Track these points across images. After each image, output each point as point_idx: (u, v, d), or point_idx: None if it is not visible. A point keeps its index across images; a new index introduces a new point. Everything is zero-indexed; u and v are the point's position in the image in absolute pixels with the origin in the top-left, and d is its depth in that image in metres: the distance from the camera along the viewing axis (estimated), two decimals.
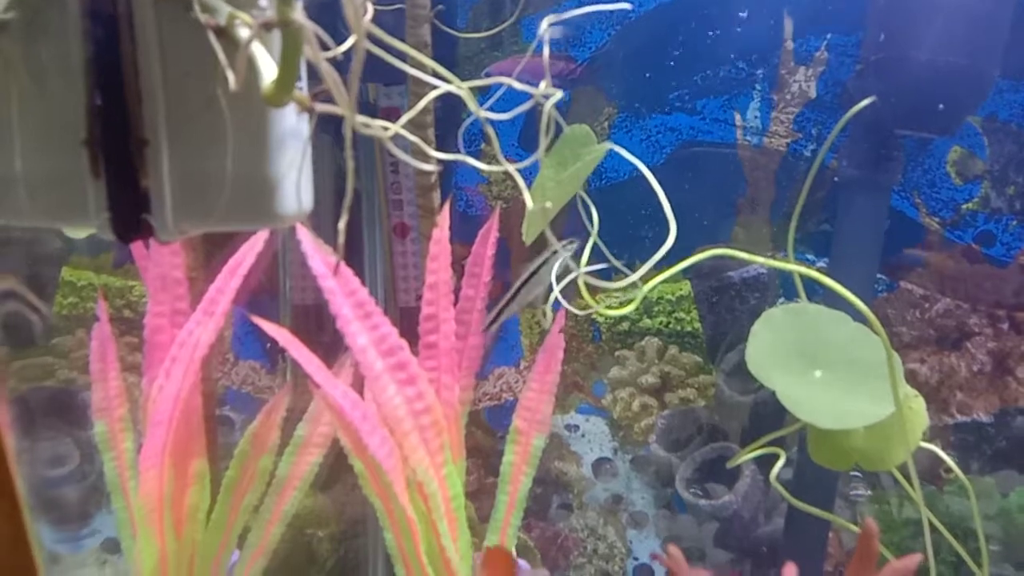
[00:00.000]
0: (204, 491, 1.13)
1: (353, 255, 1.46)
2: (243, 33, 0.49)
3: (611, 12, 1.46)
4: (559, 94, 0.56)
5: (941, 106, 1.14)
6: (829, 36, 1.43)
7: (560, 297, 0.94)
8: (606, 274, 0.93)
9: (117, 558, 1.61)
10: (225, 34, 0.50)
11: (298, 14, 0.45)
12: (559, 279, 0.96)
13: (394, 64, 0.57)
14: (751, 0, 1.44)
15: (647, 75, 1.49)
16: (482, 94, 0.63)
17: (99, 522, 1.63)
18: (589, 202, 1.03)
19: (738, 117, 1.49)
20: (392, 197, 1.44)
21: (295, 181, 0.56)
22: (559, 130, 0.88)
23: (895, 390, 1.00)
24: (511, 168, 0.58)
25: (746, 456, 1.25)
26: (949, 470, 1.46)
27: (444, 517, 1.07)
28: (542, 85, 0.55)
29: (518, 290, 1.06)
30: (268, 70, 0.49)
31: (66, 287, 1.59)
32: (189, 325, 1.08)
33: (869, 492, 1.55)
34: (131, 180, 0.53)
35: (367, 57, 0.49)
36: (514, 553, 1.25)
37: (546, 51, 0.56)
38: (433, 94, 0.60)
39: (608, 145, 0.88)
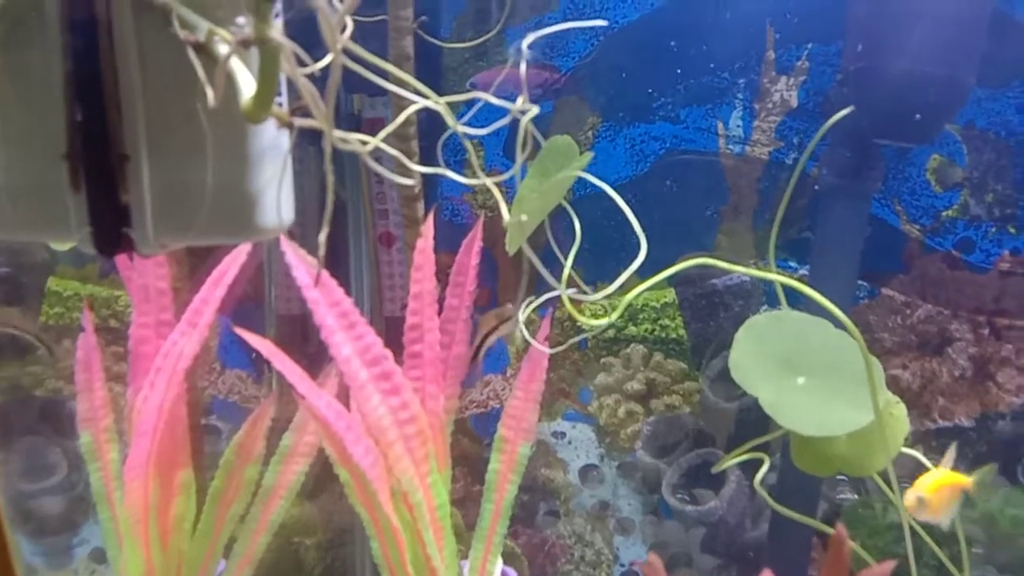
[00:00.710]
0: (190, 501, 1.13)
1: (339, 265, 1.46)
2: (222, 49, 0.49)
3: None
4: (535, 109, 0.57)
5: (919, 115, 1.15)
6: (810, 46, 1.45)
7: (528, 336, 0.95)
8: (587, 282, 0.93)
9: (105, 568, 1.61)
10: (204, 50, 0.50)
11: (275, 32, 0.46)
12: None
13: (380, 69, 0.57)
14: (733, 10, 1.45)
15: (631, 84, 1.50)
16: (465, 106, 0.64)
17: (87, 532, 1.62)
18: (572, 212, 1.04)
19: (720, 126, 1.50)
20: (377, 207, 1.45)
21: (275, 195, 0.57)
22: (545, 132, 0.89)
23: (874, 397, 1.01)
24: (488, 182, 0.59)
25: (730, 461, 1.25)
26: None
27: (429, 526, 1.07)
28: (519, 100, 0.56)
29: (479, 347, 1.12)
30: (247, 86, 0.49)
31: (52, 297, 1.59)
32: (173, 336, 1.08)
33: (855, 496, 1.56)
34: (112, 194, 0.54)
35: (352, 68, 0.50)
36: (500, 561, 1.26)
37: (523, 67, 0.57)
38: (411, 110, 0.61)
39: (594, 148, 0.89)
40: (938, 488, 1.09)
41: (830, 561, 0.69)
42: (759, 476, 1.20)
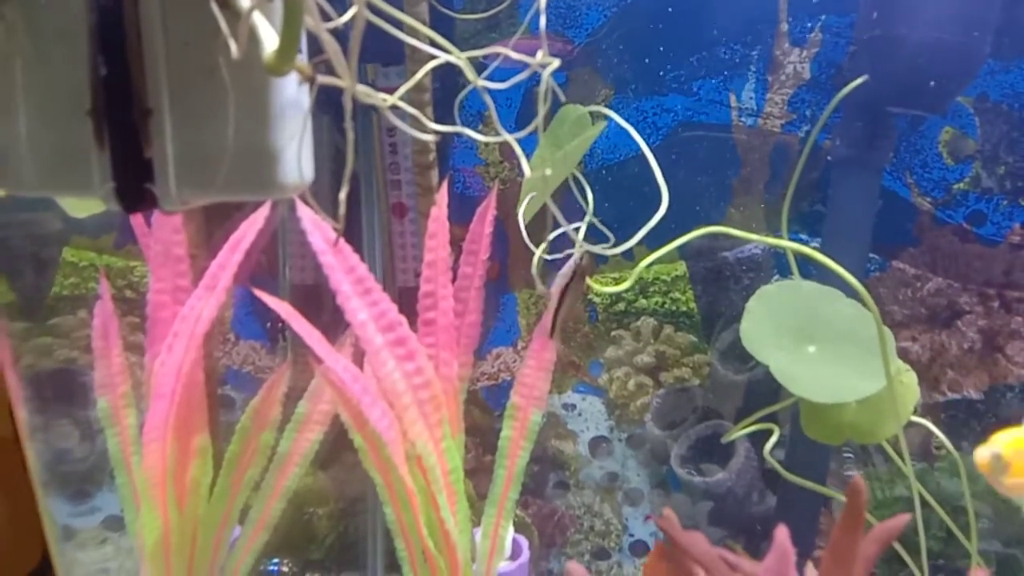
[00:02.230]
0: (206, 466, 1.15)
1: (352, 236, 1.47)
2: (244, 2, 0.50)
3: None
4: (556, 62, 0.58)
5: (933, 83, 1.15)
6: (823, 17, 1.44)
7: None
8: (602, 258, 0.94)
9: (117, 536, 1.63)
10: (227, 4, 0.51)
11: None
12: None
13: (393, 39, 0.58)
14: None
15: (643, 56, 1.50)
16: (479, 73, 0.65)
17: (100, 500, 1.64)
18: (584, 183, 1.04)
19: (733, 98, 1.50)
20: (390, 177, 1.45)
21: (296, 152, 0.57)
22: (557, 103, 0.89)
23: (887, 363, 1.02)
24: (509, 138, 0.60)
25: (740, 432, 1.27)
26: (940, 447, 1.48)
27: (443, 490, 1.09)
28: (539, 54, 0.56)
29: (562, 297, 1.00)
30: (269, 39, 0.50)
31: (67, 267, 1.60)
32: (191, 301, 1.09)
33: (861, 471, 1.57)
34: (135, 150, 0.54)
35: (366, 37, 0.50)
36: (512, 528, 1.27)
37: (543, 21, 0.57)
38: (432, 64, 0.61)
39: (607, 117, 0.89)
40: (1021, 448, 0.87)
41: (847, 511, 0.70)
42: (768, 445, 1.21)
